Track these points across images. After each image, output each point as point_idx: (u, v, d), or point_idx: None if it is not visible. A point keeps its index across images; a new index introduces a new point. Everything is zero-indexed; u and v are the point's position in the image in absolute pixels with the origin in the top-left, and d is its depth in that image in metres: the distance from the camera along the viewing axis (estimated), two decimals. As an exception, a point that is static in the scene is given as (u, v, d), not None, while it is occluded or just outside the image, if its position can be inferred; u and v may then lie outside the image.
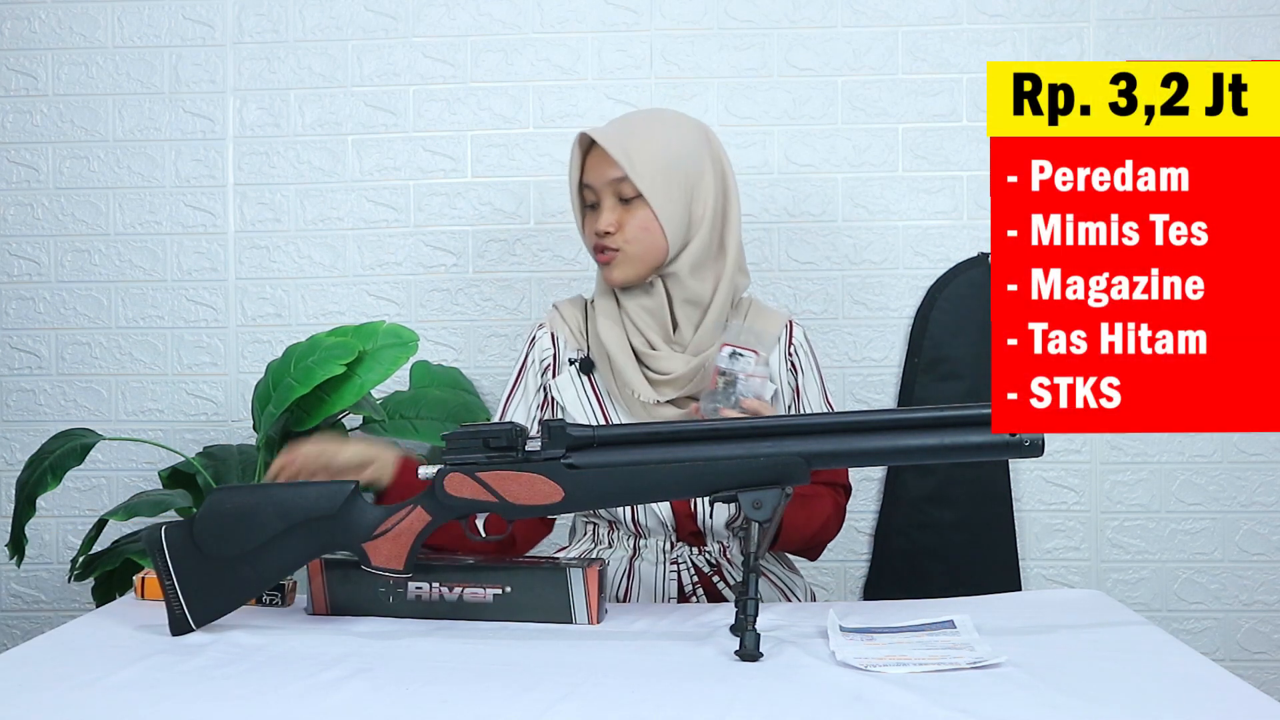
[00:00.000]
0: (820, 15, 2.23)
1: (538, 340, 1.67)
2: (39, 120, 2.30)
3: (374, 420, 2.05)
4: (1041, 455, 1.21)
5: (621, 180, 1.56)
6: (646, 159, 1.55)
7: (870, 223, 2.23)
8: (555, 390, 1.63)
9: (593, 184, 1.59)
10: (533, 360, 1.66)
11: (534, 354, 1.66)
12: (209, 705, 1.05)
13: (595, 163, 1.58)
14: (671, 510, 1.58)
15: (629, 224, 1.57)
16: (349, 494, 1.30)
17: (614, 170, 1.56)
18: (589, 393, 1.63)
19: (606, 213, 1.57)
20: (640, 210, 1.57)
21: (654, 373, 1.59)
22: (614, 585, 1.60)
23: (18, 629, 2.31)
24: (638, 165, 1.54)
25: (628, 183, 1.56)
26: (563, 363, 1.65)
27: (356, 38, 2.27)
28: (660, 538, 1.59)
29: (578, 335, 1.66)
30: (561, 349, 1.66)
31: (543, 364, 1.66)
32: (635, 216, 1.57)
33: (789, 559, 1.72)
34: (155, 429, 2.28)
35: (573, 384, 1.63)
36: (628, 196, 1.57)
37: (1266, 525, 2.21)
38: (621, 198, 1.57)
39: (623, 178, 1.56)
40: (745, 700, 1.04)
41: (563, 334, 1.67)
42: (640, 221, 1.57)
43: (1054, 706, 1.02)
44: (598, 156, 1.58)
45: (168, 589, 1.28)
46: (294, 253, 2.28)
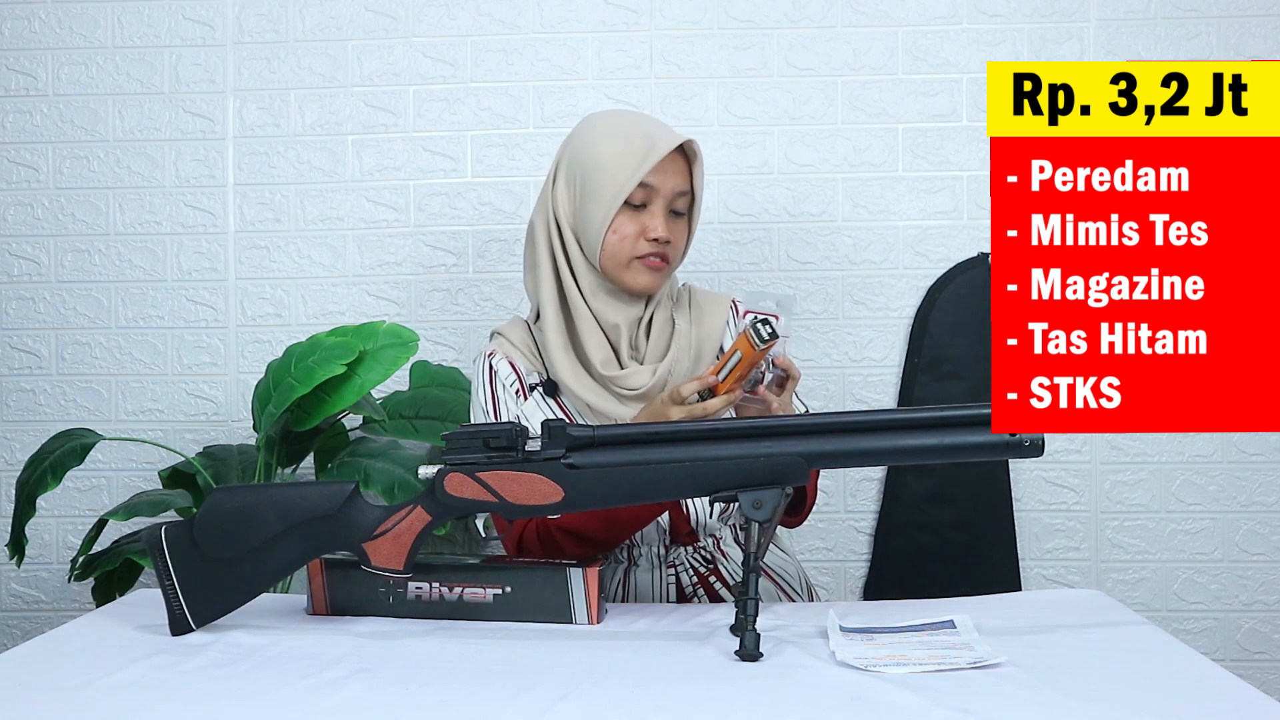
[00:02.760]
0: (820, 15, 2.23)
1: (498, 370, 1.59)
2: (39, 120, 2.30)
3: (374, 420, 2.05)
4: (1041, 455, 1.21)
5: (683, 194, 1.55)
6: (703, 178, 1.58)
7: (870, 223, 2.23)
8: (523, 418, 1.56)
9: (658, 187, 1.53)
10: (501, 389, 1.58)
11: (500, 383, 1.58)
12: (209, 705, 1.05)
13: (670, 168, 1.53)
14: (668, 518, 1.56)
15: (676, 237, 1.56)
16: (349, 494, 1.30)
17: (685, 183, 1.55)
18: (558, 415, 1.57)
19: (663, 219, 1.54)
20: (682, 225, 1.57)
21: (622, 389, 1.55)
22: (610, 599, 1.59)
23: (18, 629, 2.31)
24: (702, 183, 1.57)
25: (686, 198, 1.56)
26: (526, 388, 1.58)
27: (356, 38, 2.27)
28: (654, 544, 1.59)
29: (531, 358, 1.60)
30: (523, 374, 1.59)
31: (513, 390, 1.58)
32: (679, 229, 1.57)
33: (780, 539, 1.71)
34: (155, 429, 2.28)
35: (539, 409, 1.57)
36: (680, 210, 1.56)
37: (1266, 525, 2.21)
38: (674, 210, 1.56)
39: (687, 192, 1.56)
40: (745, 700, 1.04)
41: (518, 359, 1.60)
42: (683, 237, 1.58)
43: (1054, 706, 1.02)
44: (675, 163, 1.54)
45: (168, 589, 1.28)
46: (294, 253, 2.28)
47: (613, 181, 1.52)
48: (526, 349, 1.61)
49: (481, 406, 1.59)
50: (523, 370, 1.59)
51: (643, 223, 1.53)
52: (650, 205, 1.54)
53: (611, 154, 1.52)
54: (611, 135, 1.54)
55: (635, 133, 1.54)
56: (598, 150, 1.54)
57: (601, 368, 1.54)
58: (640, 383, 1.54)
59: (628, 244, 1.53)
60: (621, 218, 1.53)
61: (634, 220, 1.53)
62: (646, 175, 1.51)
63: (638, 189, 1.52)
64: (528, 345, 1.61)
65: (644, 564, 1.58)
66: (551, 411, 1.57)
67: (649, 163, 1.51)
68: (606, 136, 1.55)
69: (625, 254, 1.54)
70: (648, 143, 1.52)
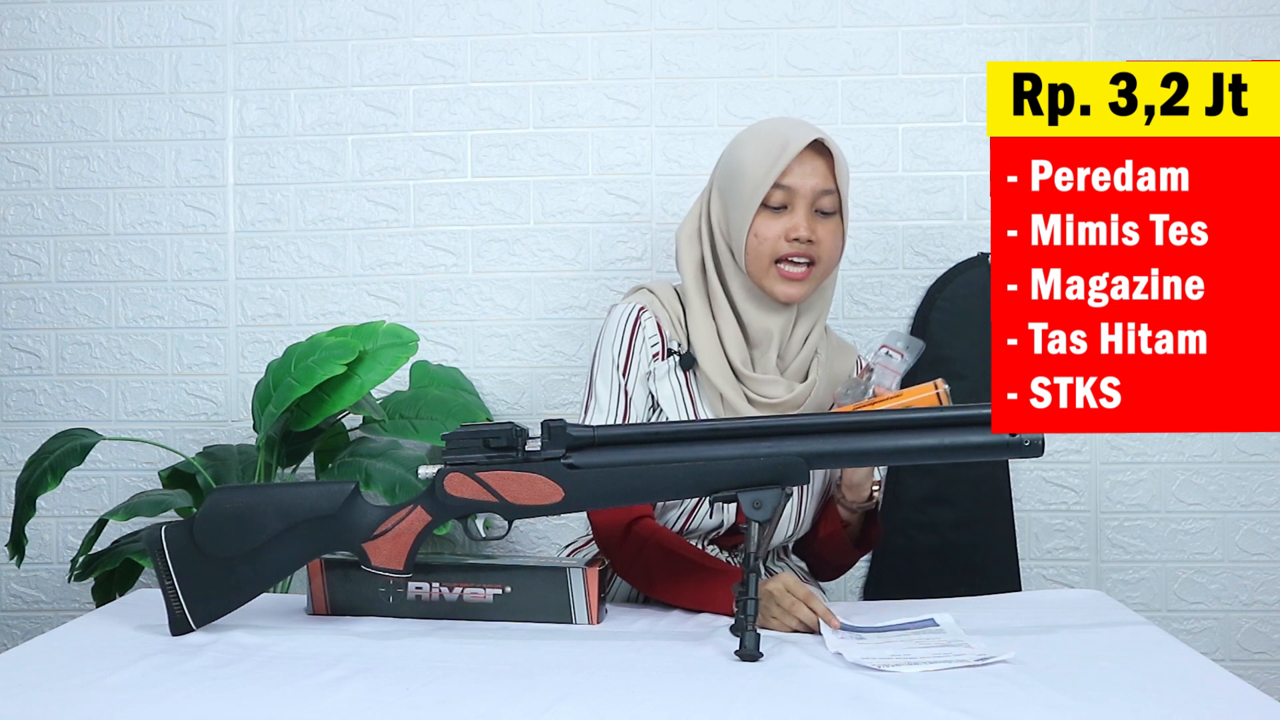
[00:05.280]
0: (820, 15, 2.23)
1: (644, 325, 1.56)
2: (39, 120, 2.30)
3: (374, 420, 2.05)
4: (1041, 455, 1.21)
5: (827, 193, 1.52)
6: (846, 175, 1.55)
7: (870, 223, 2.23)
8: (653, 378, 1.54)
9: (796, 187, 1.51)
10: (641, 342, 1.55)
11: (641, 336, 1.55)
12: (209, 705, 1.05)
13: (808, 168, 1.51)
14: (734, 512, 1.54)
15: (824, 236, 1.53)
16: (349, 494, 1.30)
17: (827, 181, 1.52)
18: (684, 391, 1.55)
19: (805, 219, 1.51)
20: (831, 224, 1.54)
21: (755, 395, 1.54)
22: (635, 590, 1.58)
23: (18, 629, 2.31)
24: (846, 181, 1.54)
25: (832, 196, 1.53)
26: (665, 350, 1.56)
27: (356, 38, 2.27)
28: (699, 540, 1.57)
29: (676, 325, 1.58)
30: (667, 338, 1.56)
31: (652, 349, 1.56)
32: (828, 229, 1.53)
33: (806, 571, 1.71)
34: (155, 429, 2.28)
35: (669, 378, 1.54)
36: (827, 210, 1.53)
37: (1266, 525, 2.21)
38: (820, 210, 1.53)
39: (831, 190, 1.53)
40: (745, 700, 1.04)
41: (664, 323, 1.57)
42: (833, 235, 1.54)
43: (1054, 706, 1.02)
44: (812, 162, 1.52)
45: (168, 589, 1.28)
46: (294, 253, 2.28)
47: (751, 185, 1.51)
48: (675, 315, 1.59)
49: (612, 356, 1.55)
50: (667, 334, 1.57)
51: (785, 224, 1.51)
52: (792, 206, 1.52)
53: (750, 159, 1.52)
54: (752, 140, 1.55)
55: (773, 135, 1.53)
56: (739, 156, 1.54)
57: (740, 366, 1.54)
58: (777, 394, 1.54)
59: (768, 246, 1.52)
60: (762, 220, 1.52)
61: (776, 222, 1.52)
62: (782, 176, 1.50)
63: (776, 190, 1.51)
64: (676, 313, 1.59)
65: None
66: (682, 384, 1.55)
67: (781, 163, 1.50)
68: (747, 142, 1.55)
69: (767, 256, 1.52)
70: (781, 142, 1.51)
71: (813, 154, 1.52)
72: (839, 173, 1.53)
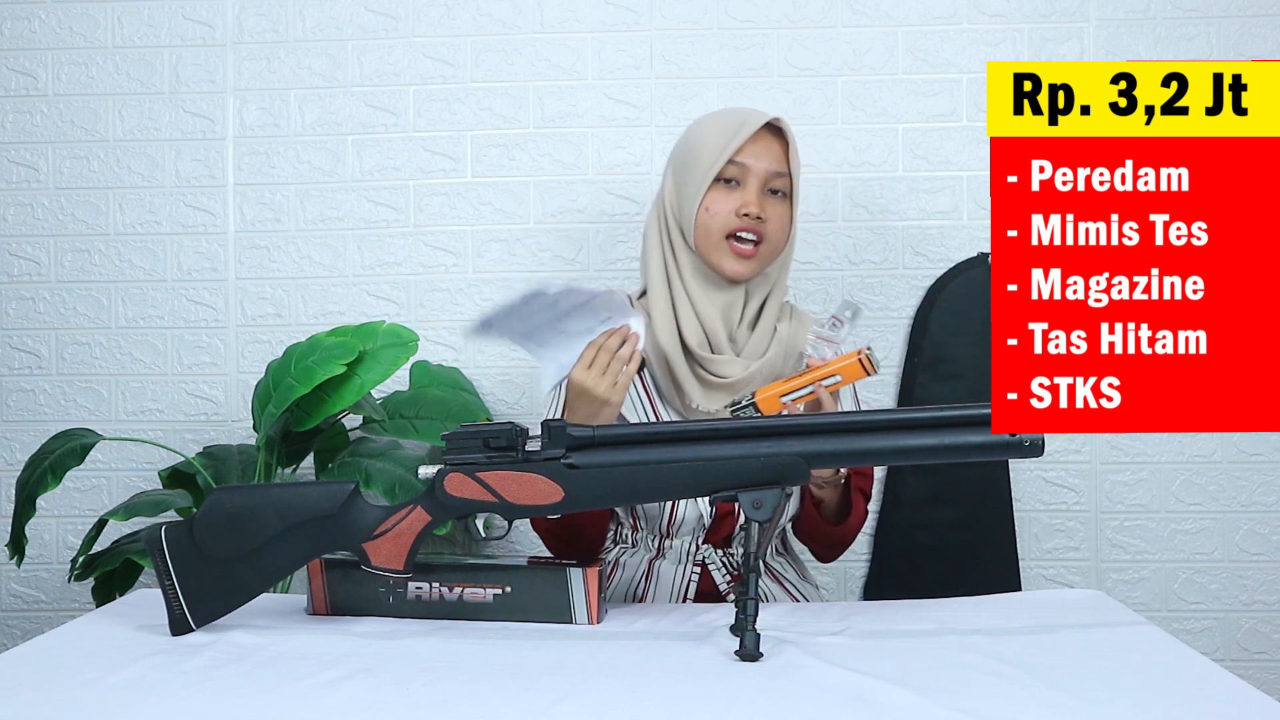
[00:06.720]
0: (820, 15, 2.23)
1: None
2: (39, 120, 2.30)
3: (374, 420, 2.05)
4: (1041, 455, 1.21)
5: (779, 175, 1.56)
6: (799, 162, 1.58)
7: (870, 223, 2.23)
8: None
9: (750, 165, 1.54)
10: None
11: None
12: (209, 705, 1.05)
13: (762, 148, 1.55)
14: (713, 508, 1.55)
15: (773, 216, 1.56)
16: (349, 494, 1.30)
17: (780, 164, 1.56)
18: (641, 391, 1.60)
19: (756, 196, 1.54)
20: (782, 206, 1.57)
21: (710, 375, 1.56)
22: (631, 586, 1.59)
23: (18, 629, 2.31)
24: (798, 167, 1.57)
25: (784, 179, 1.57)
26: None
27: (356, 38, 2.27)
28: (687, 539, 1.58)
29: None
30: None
31: None
32: (778, 211, 1.57)
33: (806, 568, 1.72)
34: (155, 429, 2.28)
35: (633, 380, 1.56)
36: (778, 189, 1.57)
37: (1266, 525, 2.21)
38: (771, 190, 1.56)
39: (784, 173, 1.56)
40: (745, 700, 1.04)
41: None
42: (782, 217, 1.57)
43: (1054, 706, 1.02)
44: (766, 143, 1.56)
45: (168, 589, 1.28)
46: (294, 253, 2.28)
47: (706, 162, 1.55)
48: None
49: None
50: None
51: (736, 200, 1.55)
52: (744, 183, 1.55)
53: (707, 137, 1.56)
54: (709, 121, 1.59)
55: (730, 115, 1.57)
56: (696, 136, 1.58)
57: (696, 348, 1.56)
58: (731, 372, 1.55)
59: (719, 220, 1.55)
60: (714, 194, 1.55)
61: (728, 198, 1.55)
62: (737, 153, 1.54)
63: (730, 166, 1.54)
64: None
65: (671, 556, 1.58)
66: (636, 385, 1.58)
67: (738, 140, 1.53)
68: (704, 123, 1.59)
69: (717, 231, 1.55)
70: (738, 121, 1.55)
71: (768, 136, 1.56)
72: (792, 158, 1.57)
